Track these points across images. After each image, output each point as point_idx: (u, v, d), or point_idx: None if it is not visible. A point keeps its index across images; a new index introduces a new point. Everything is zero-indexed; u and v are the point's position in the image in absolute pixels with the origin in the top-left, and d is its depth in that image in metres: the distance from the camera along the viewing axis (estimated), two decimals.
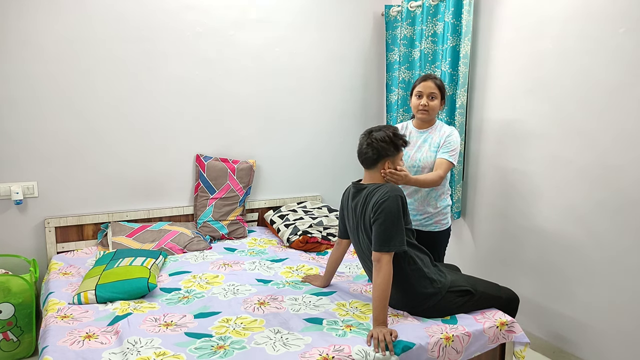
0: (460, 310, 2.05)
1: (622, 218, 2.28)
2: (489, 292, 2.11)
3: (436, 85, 2.40)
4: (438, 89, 2.40)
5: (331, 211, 3.37)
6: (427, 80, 2.41)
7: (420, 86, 2.42)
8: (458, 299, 2.03)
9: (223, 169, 3.22)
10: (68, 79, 2.82)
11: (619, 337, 2.33)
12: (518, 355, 2.06)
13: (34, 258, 2.81)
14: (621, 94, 2.24)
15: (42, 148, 2.80)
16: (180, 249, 2.87)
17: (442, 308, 2.01)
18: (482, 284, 2.15)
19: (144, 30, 2.97)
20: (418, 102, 2.42)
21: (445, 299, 2.00)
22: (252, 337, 1.83)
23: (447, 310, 2.02)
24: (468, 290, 2.05)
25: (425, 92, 2.40)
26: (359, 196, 2.04)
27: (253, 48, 3.32)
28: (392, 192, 1.93)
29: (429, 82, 2.40)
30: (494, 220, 2.99)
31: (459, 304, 2.03)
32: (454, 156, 2.39)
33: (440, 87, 2.42)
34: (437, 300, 1.99)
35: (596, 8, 2.32)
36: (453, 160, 2.38)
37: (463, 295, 2.04)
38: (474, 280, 2.14)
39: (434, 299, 1.99)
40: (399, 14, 3.50)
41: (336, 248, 2.34)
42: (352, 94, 3.73)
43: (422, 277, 1.99)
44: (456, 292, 2.03)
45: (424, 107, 2.40)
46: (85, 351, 1.72)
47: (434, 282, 2.00)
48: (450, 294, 2.02)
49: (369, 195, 1.99)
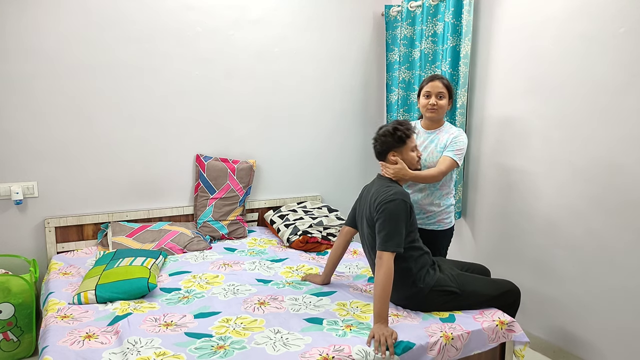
0: (448, 309, 2.09)
1: (622, 218, 2.28)
2: (479, 292, 2.12)
3: (444, 85, 2.44)
4: (446, 88, 2.44)
5: (331, 211, 3.37)
6: (434, 80, 2.45)
7: (428, 86, 2.44)
8: (442, 297, 2.08)
9: (223, 169, 3.22)
10: (68, 79, 2.82)
11: (618, 336, 2.33)
12: (518, 354, 2.08)
13: (34, 258, 2.81)
14: (621, 94, 2.24)
15: (42, 148, 2.80)
16: (180, 249, 2.87)
17: (428, 304, 2.07)
18: (475, 282, 2.15)
19: (144, 30, 2.97)
20: (427, 101, 2.44)
21: (427, 298, 2.06)
22: (252, 337, 1.83)
23: (432, 308, 2.08)
24: (452, 291, 2.08)
25: (434, 92, 2.43)
26: (374, 188, 2.15)
27: (253, 48, 3.32)
28: (398, 196, 2.00)
29: (437, 82, 2.43)
30: (494, 220, 2.99)
31: (443, 302, 2.08)
32: (459, 156, 2.39)
33: (447, 87, 2.45)
34: (420, 299, 2.06)
35: (596, 8, 2.32)
36: (457, 160, 2.38)
37: (447, 294, 2.08)
38: (464, 279, 2.15)
39: (416, 298, 2.07)
40: (399, 14, 3.50)
41: (339, 237, 2.38)
42: (352, 94, 3.73)
43: (408, 275, 2.06)
44: (440, 292, 2.08)
45: (432, 106, 2.42)
46: (85, 351, 1.72)
47: (418, 282, 2.06)
48: (433, 293, 2.07)
49: (378, 192, 2.07)
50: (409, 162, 2.18)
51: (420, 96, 2.49)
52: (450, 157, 2.37)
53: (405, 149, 2.17)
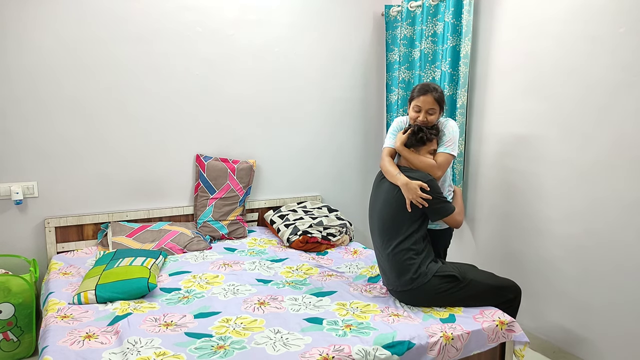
0: (449, 298, 2.10)
1: (622, 218, 2.28)
2: (479, 280, 2.16)
3: (435, 100, 2.32)
4: (437, 103, 2.33)
5: (331, 211, 3.37)
6: (426, 94, 2.32)
7: (419, 100, 2.33)
8: (443, 284, 2.11)
9: (223, 169, 3.22)
10: (68, 79, 2.82)
11: (619, 337, 2.33)
12: (518, 354, 2.08)
13: (34, 258, 2.81)
14: (621, 94, 2.24)
15: (42, 148, 2.80)
16: (180, 249, 2.87)
17: (428, 291, 2.10)
18: (475, 272, 2.21)
19: (144, 30, 2.97)
20: (416, 115, 2.35)
21: (430, 283, 2.10)
22: (252, 337, 1.83)
23: (434, 295, 2.10)
24: (454, 276, 2.12)
25: (425, 108, 2.32)
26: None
27: (253, 48, 3.32)
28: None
29: (428, 96, 2.31)
30: (494, 220, 2.99)
31: (444, 289, 2.11)
32: (451, 147, 2.33)
33: (439, 101, 2.34)
34: (423, 283, 2.11)
35: (596, 8, 2.32)
36: (449, 151, 2.32)
37: (449, 282, 2.11)
38: (466, 268, 2.22)
39: (419, 281, 2.11)
40: (399, 14, 3.50)
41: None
42: (352, 94, 3.73)
43: (413, 261, 2.15)
44: (442, 276, 2.12)
45: (422, 122, 2.34)
46: (85, 351, 1.72)
47: (422, 266, 2.14)
48: (436, 279, 2.11)
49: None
50: None
51: (410, 108, 2.39)
52: (441, 152, 2.32)
53: (423, 150, 2.31)
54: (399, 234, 2.17)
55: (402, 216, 2.19)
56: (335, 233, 3.08)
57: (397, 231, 2.18)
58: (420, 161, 2.29)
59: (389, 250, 2.18)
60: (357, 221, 3.83)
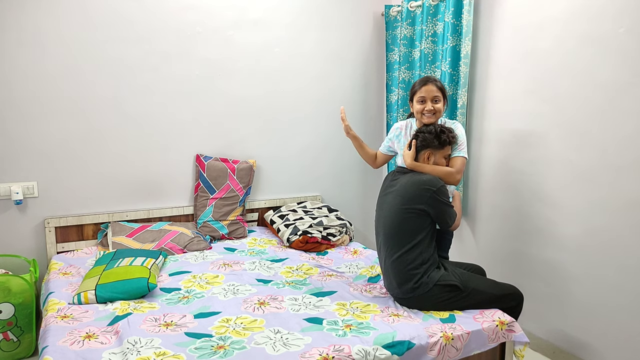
0: (450, 306, 2.09)
1: (622, 218, 2.28)
2: (481, 289, 2.13)
3: (438, 88, 2.35)
4: (440, 91, 2.36)
5: (331, 211, 3.37)
6: (427, 84, 2.34)
7: (422, 91, 2.35)
8: (444, 294, 2.09)
9: (223, 169, 3.22)
10: (68, 79, 2.82)
11: (619, 337, 2.33)
12: (518, 355, 2.08)
13: (34, 258, 2.81)
14: (622, 94, 2.24)
15: (42, 148, 2.80)
16: (180, 249, 2.87)
17: (429, 300, 2.09)
18: (477, 281, 2.17)
19: (144, 30, 2.97)
20: (422, 107, 2.35)
21: (431, 292, 2.08)
22: (252, 337, 1.83)
23: (434, 304, 2.09)
24: (455, 286, 2.09)
25: (429, 97, 2.34)
26: (402, 176, 2.28)
27: (253, 48, 3.32)
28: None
29: (430, 85, 2.34)
30: (494, 220, 2.99)
31: (445, 299, 2.09)
32: (464, 149, 2.36)
33: (441, 89, 2.37)
34: (424, 292, 2.08)
35: (596, 8, 2.32)
36: (464, 155, 2.35)
37: (450, 291, 2.09)
38: (468, 276, 2.17)
39: (420, 290, 2.09)
40: (399, 14, 3.50)
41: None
42: (352, 94, 3.73)
43: (417, 265, 2.11)
44: (443, 285, 2.09)
45: (429, 111, 2.34)
46: (85, 351, 1.72)
47: (424, 275, 2.10)
48: (437, 288, 2.09)
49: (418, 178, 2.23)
50: (437, 164, 2.30)
51: (414, 101, 2.39)
52: (457, 156, 2.34)
53: (441, 152, 2.28)
54: (404, 243, 2.13)
55: (408, 225, 2.14)
56: (335, 233, 3.08)
57: (403, 240, 2.13)
58: (437, 171, 2.24)
59: (394, 259, 2.15)
60: (357, 221, 3.83)
